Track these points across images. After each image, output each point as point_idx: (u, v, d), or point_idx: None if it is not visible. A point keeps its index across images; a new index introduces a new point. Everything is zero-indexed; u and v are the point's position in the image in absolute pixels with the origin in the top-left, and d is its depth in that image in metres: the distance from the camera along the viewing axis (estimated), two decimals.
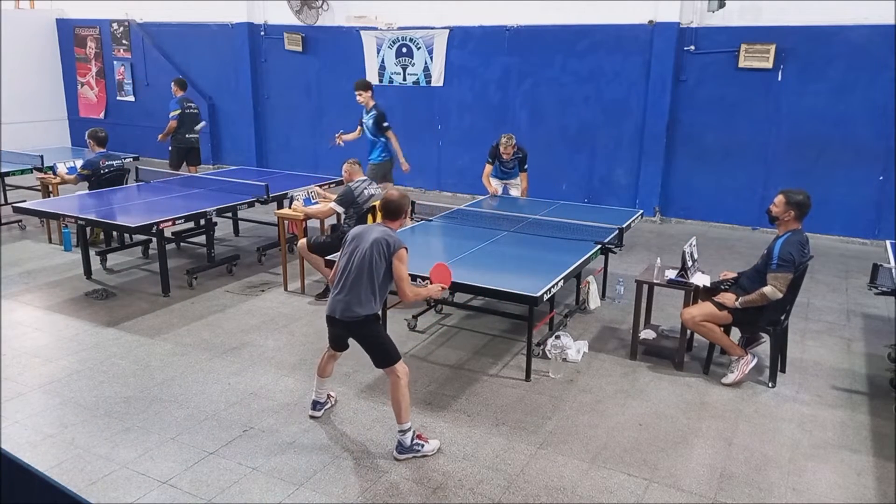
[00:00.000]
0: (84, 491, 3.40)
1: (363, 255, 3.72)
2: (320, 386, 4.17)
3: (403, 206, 3.94)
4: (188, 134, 9.41)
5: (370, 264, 3.69)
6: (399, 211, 3.92)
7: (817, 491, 3.53)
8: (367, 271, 3.70)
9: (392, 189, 3.97)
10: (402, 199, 3.96)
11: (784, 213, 4.49)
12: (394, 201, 3.93)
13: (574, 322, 5.70)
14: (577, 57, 9.54)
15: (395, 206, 3.92)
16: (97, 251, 7.01)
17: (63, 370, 4.73)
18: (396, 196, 3.96)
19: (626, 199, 9.50)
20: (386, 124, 7.74)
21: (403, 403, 3.73)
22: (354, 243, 3.81)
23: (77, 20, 13.74)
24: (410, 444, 3.75)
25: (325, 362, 4.11)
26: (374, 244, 3.70)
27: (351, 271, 3.74)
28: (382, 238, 3.71)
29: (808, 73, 8.33)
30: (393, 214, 3.93)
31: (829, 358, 5.11)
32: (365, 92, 7.76)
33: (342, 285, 3.77)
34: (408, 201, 4.00)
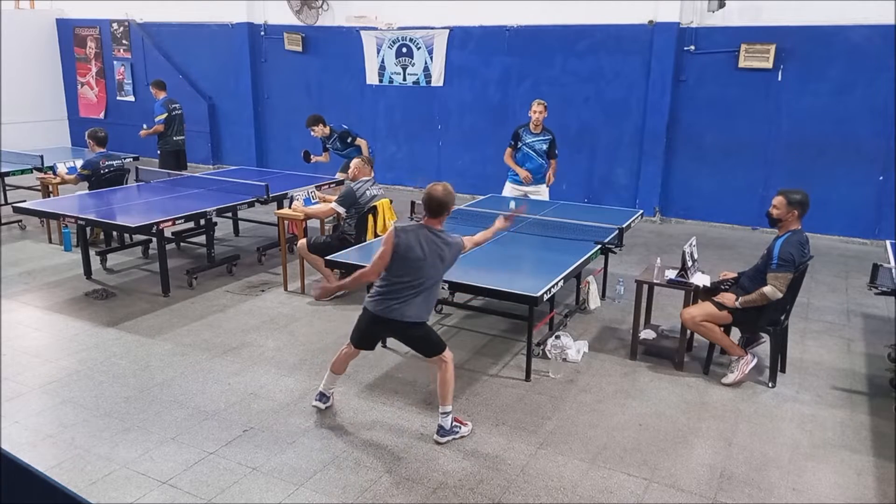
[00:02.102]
0: (84, 491, 3.40)
1: (434, 273, 3.70)
2: (331, 382, 4.15)
3: (448, 203, 3.69)
4: (176, 136, 9.28)
5: (440, 282, 3.79)
6: (443, 208, 3.69)
7: (817, 491, 3.53)
8: (434, 286, 3.75)
9: (436, 183, 3.71)
10: (446, 195, 3.68)
11: (787, 213, 4.49)
12: (437, 198, 3.67)
13: (574, 322, 5.70)
14: (577, 57, 9.54)
15: (437, 202, 3.68)
16: (97, 251, 7.01)
17: (63, 370, 4.73)
18: (441, 192, 3.68)
19: (626, 199, 9.49)
20: (350, 138, 7.94)
21: (450, 386, 3.82)
22: (420, 257, 3.63)
23: (77, 20, 13.74)
24: (450, 427, 3.85)
25: (342, 359, 4.06)
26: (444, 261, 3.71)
27: (418, 285, 3.67)
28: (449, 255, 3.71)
29: (808, 73, 8.33)
30: (437, 212, 3.71)
31: (829, 358, 5.11)
32: (317, 126, 7.88)
33: (404, 298, 3.68)
34: (453, 197, 3.73)
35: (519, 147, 6.97)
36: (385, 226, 6.25)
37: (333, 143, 8.01)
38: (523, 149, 6.94)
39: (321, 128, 7.92)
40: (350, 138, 7.97)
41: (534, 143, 6.92)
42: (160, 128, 9.19)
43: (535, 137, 6.92)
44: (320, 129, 7.92)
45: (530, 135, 6.93)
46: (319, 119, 7.94)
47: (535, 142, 6.92)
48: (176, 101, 9.44)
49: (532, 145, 6.92)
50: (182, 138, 9.42)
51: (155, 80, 9.60)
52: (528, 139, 6.92)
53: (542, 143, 6.92)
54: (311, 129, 7.93)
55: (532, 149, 6.93)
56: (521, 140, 6.94)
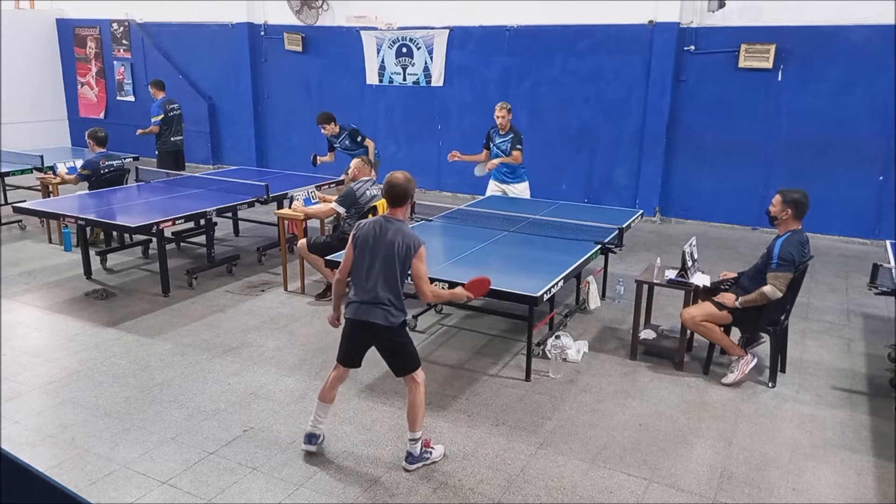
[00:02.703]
0: (84, 491, 3.40)
1: (387, 258, 3.50)
2: (321, 413, 3.75)
3: (409, 190, 3.61)
4: (174, 137, 9.22)
5: (396, 268, 3.50)
6: (405, 196, 3.60)
7: (817, 491, 3.53)
8: (392, 276, 3.51)
9: (396, 172, 3.61)
10: (406, 182, 3.59)
11: (781, 211, 4.49)
12: (399, 185, 3.57)
13: (574, 322, 5.70)
14: (577, 57, 9.54)
15: (400, 190, 3.58)
16: (97, 251, 7.01)
17: (63, 370, 4.73)
18: (401, 179, 3.59)
19: (626, 199, 9.49)
20: (360, 137, 7.98)
21: (421, 411, 3.64)
22: (371, 243, 3.54)
23: (77, 20, 13.74)
24: (420, 454, 3.66)
25: (330, 385, 3.73)
26: (394, 246, 3.49)
27: (376, 275, 3.51)
28: (401, 240, 3.50)
29: (808, 73, 8.33)
30: (399, 200, 3.60)
31: (829, 358, 5.11)
32: (328, 124, 7.92)
33: (368, 290, 3.53)
34: (414, 184, 3.64)
35: (491, 148, 7.32)
36: None
37: (342, 141, 8.00)
38: (494, 150, 7.28)
39: (332, 126, 7.93)
40: (360, 137, 7.99)
41: (500, 143, 7.21)
42: (155, 129, 9.14)
43: (501, 139, 7.20)
44: (331, 127, 7.93)
45: (498, 136, 7.22)
46: (331, 117, 7.96)
47: (501, 142, 7.21)
48: (174, 102, 9.37)
49: (500, 146, 7.21)
50: (180, 139, 9.35)
51: (154, 80, 9.55)
52: (497, 140, 7.23)
53: (506, 143, 7.18)
54: (322, 127, 7.94)
55: (500, 149, 7.21)
56: (492, 141, 7.27)
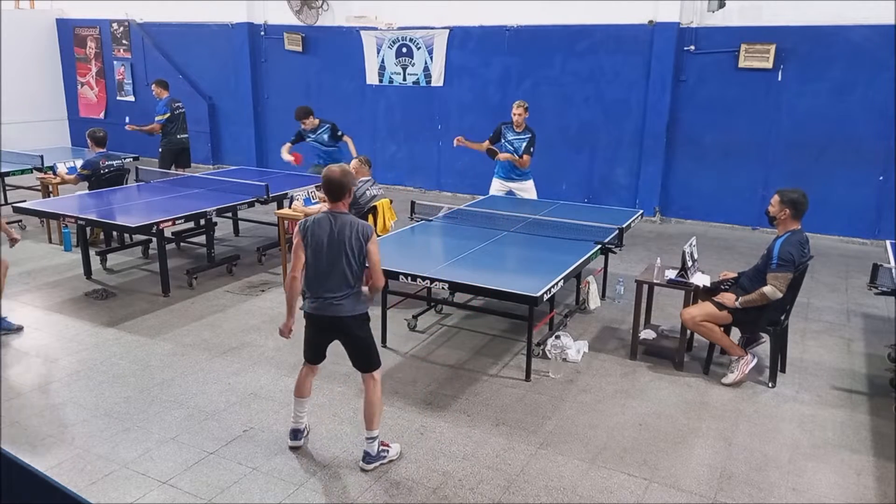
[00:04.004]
0: (84, 491, 3.40)
1: (343, 250, 3.51)
2: (299, 408, 3.84)
3: (347, 184, 3.60)
4: (179, 134, 9.28)
5: (353, 259, 3.52)
6: (343, 189, 3.60)
7: (817, 491, 3.53)
8: (351, 267, 3.52)
9: (333, 166, 3.66)
10: (343, 175, 3.61)
11: (780, 211, 4.49)
12: (335, 180, 3.59)
13: (574, 322, 5.70)
14: (577, 57, 9.53)
15: (337, 184, 3.59)
16: (97, 251, 7.01)
17: (63, 370, 4.73)
18: (338, 173, 3.61)
19: (626, 199, 9.49)
20: (340, 132, 8.07)
21: (379, 409, 3.65)
22: (325, 241, 3.54)
23: (77, 20, 13.74)
24: (377, 453, 3.65)
25: (302, 379, 3.81)
26: (349, 238, 3.50)
27: (335, 270, 3.53)
28: (353, 230, 3.52)
29: (808, 73, 8.33)
30: (338, 194, 3.60)
31: (829, 358, 5.11)
32: (307, 119, 8.02)
33: (328, 286, 3.54)
34: (351, 177, 3.66)
35: (502, 143, 7.21)
36: (385, 226, 6.26)
37: (320, 135, 8.09)
38: (504, 145, 7.19)
39: (311, 120, 8.06)
40: (339, 132, 8.11)
41: (514, 140, 7.16)
42: (157, 128, 9.19)
43: (516, 136, 7.16)
44: (310, 121, 8.05)
45: (512, 133, 7.17)
46: (310, 111, 8.09)
47: (515, 139, 7.16)
48: (179, 100, 9.47)
49: (513, 142, 7.16)
50: (186, 136, 9.44)
51: (158, 80, 9.60)
52: (510, 136, 7.17)
53: (521, 142, 7.15)
54: (301, 122, 8.05)
55: (512, 146, 7.16)
56: (503, 137, 7.19)
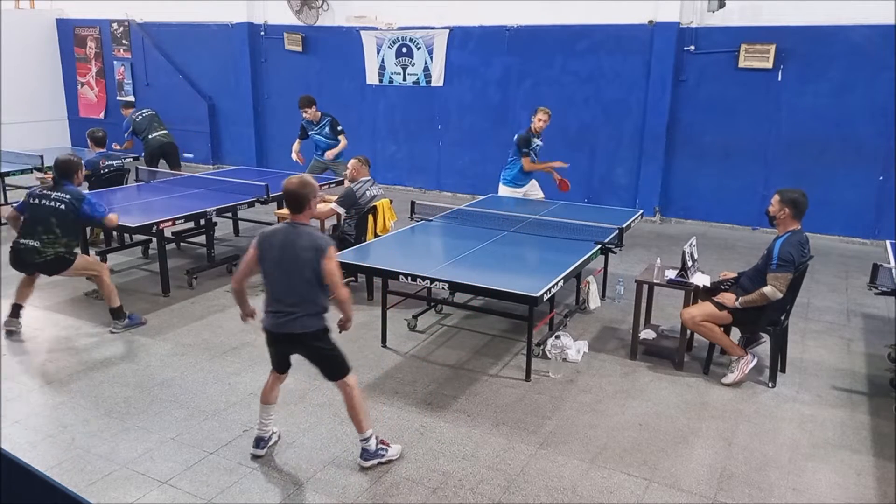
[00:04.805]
0: (84, 491, 3.40)
1: (298, 265, 3.38)
2: (265, 415, 3.74)
3: (307, 195, 3.44)
4: (151, 134, 9.16)
5: (308, 274, 3.38)
6: (302, 200, 3.44)
7: (817, 491, 3.53)
8: (306, 282, 3.39)
9: (292, 177, 3.51)
10: (301, 186, 3.44)
11: (779, 211, 4.49)
12: (293, 191, 3.43)
13: (574, 322, 5.70)
14: (577, 57, 9.54)
15: (295, 196, 3.43)
16: (97, 251, 7.00)
17: (63, 370, 4.73)
18: (295, 184, 3.45)
19: (626, 199, 9.49)
20: (340, 127, 8.14)
21: (361, 412, 3.59)
22: (278, 253, 3.42)
23: (77, 20, 13.74)
24: (376, 449, 3.64)
25: (269, 387, 3.73)
26: (303, 252, 3.38)
27: (289, 284, 3.42)
28: (308, 245, 3.38)
29: (808, 73, 8.33)
30: (297, 206, 3.46)
31: (829, 358, 5.11)
32: (310, 108, 8.06)
33: (282, 300, 3.44)
34: (311, 188, 3.46)
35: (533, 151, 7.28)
36: (385, 226, 6.26)
37: (322, 128, 8.13)
38: (531, 154, 7.26)
39: (313, 111, 8.10)
40: (339, 127, 8.16)
41: (537, 147, 7.28)
42: (128, 143, 9.29)
43: (539, 142, 7.28)
44: (312, 111, 8.10)
45: (536, 139, 7.27)
46: (313, 101, 8.13)
47: (538, 146, 7.29)
48: (140, 109, 9.39)
49: (536, 149, 7.28)
50: (160, 133, 9.21)
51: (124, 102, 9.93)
52: (535, 144, 7.26)
53: (539, 147, 7.31)
54: (303, 111, 8.09)
55: (534, 153, 7.28)
56: (531, 146, 7.25)
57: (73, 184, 5.33)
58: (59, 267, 5.24)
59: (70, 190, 5.24)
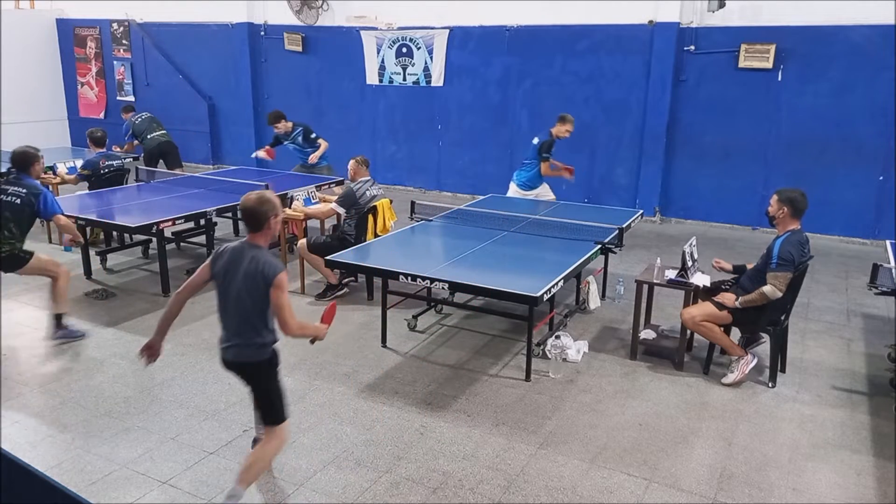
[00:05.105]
0: (84, 491, 3.41)
1: (243, 290, 3.08)
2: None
3: (264, 213, 3.10)
4: (150, 134, 9.31)
5: (252, 301, 3.08)
6: (260, 218, 3.10)
7: (817, 491, 3.53)
8: (249, 309, 3.09)
9: (250, 193, 3.19)
10: (260, 203, 3.09)
11: (778, 210, 4.50)
12: (249, 208, 3.10)
13: (574, 322, 5.70)
14: (577, 57, 9.54)
15: (252, 213, 3.10)
16: (97, 251, 7.01)
17: (63, 370, 4.73)
18: (253, 201, 3.10)
19: (626, 199, 9.49)
20: (313, 135, 8.21)
21: (258, 467, 3.22)
22: (225, 275, 3.14)
23: (77, 20, 13.74)
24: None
25: None
26: (246, 279, 3.07)
27: (231, 310, 3.13)
28: (253, 271, 3.05)
29: (808, 73, 8.33)
30: (254, 224, 3.12)
31: (829, 358, 5.11)
32: (280, 122, 8.13)
33: (227, 326, 3.17)
34: (270, 205, 3.12)
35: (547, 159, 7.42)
36: (385, 226, 6.26)
37: (295, 138, 8.22)
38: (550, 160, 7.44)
39: (283, 123, 8.17)
40: (313, 135, 8.23)
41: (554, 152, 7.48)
42: (128, 146, 9.45)
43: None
44: (283, 124, 8.17)
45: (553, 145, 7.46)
46: (281, 115, 8.19)
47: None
48: (139, 113, 9.56)
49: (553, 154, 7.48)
50: (159, 134, 9.36)
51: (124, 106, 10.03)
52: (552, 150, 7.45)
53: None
54: (274, 127, 8.18)
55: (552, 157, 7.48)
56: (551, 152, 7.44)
57: (30, 177, 5.13)
58: (12, 265, 5.02)
59: (27, 183, 5.05)
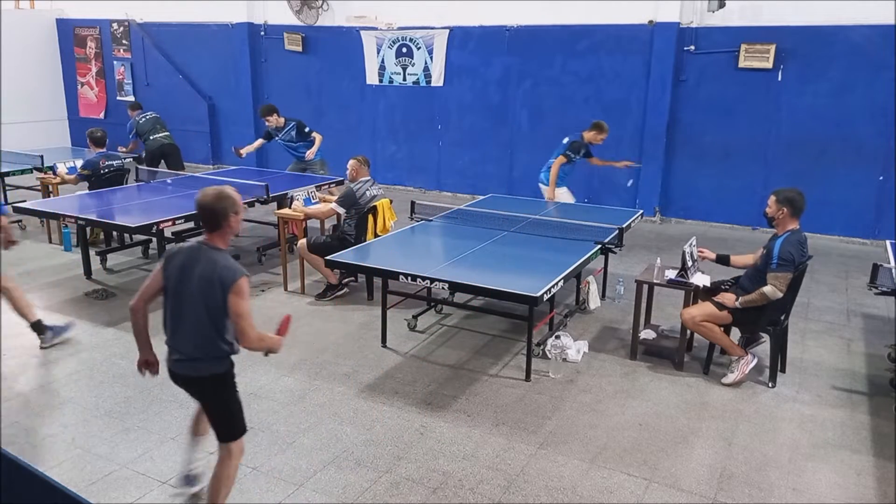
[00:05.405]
0: (84, 491, 3.41)
1: (196, 296, 2.83)
2: (193, 449, 3.29)
3: (224, 210, 2.88)
4: (153, 135, 9.38)
5: (206, 308, 2.84)
6: (218, 216, 2.87)
7: (817, 491, 3.53)
8: (202, 318, 2.84)
9: (208, 188, 2.97)
10: (217, 199, 2.87)
11: (777, 211, 4.50)
12: (205, 205, 2.87)
13: (574, 322, 5.70)
14: (577, 57, 9.53)
15: (209, 211, 2.87)
16: (97, 251, 7.01)
17: (63, 370, 4.73)
18: (210, 197, 2.87)
19: (626, 199, 9.49)
20: (307, 129, 8.19)
21: (224, 487, 3.03)
22: (176, 279, 2.89)
23: (77, 20, 13.74)
24: None
25: (198, 416, 3.29)
26: (201, 283, 2.82)
27: (184, 318, 2.88)
28: (209, 275, 2.81)
29: (808, 73, 8.33)
30: (211, 223, 2.90)
31: (829, 358, 5.11)
32: (271, 116, 8.11)
33: (175, 334, 2.93)
34: (230, 201, 2.90)
35: (572, 160, 7.39)
36: (385, 226, 6.26)
37: (287, 133, 8.20)
38: (577, 161, 7.44)
39: (275, 118, 8.15)
40: (307, 129, 8.22)
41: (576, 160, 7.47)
42: (132, 145, 9.59)
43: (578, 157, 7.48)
44: (275, 118, 8.15)
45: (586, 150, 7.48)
46: (273, 109, 8.18)
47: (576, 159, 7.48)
48: (145, 112, 9.65)
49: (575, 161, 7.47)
50: (161, 135, 9.46)
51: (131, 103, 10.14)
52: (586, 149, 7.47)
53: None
54: (265, 120, 8.16)
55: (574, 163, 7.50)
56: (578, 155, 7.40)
57: None
58: None
59: None
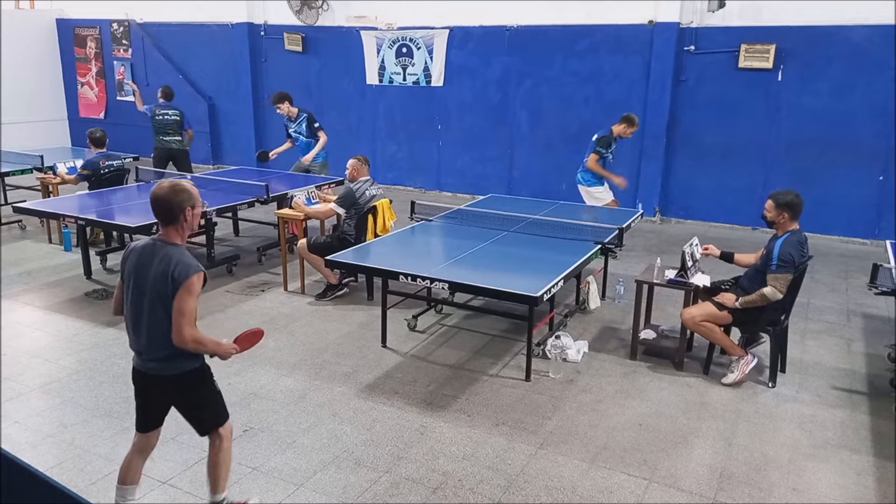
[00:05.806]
0: (84, 491, 3.41)
1: (154, 293, 2.76)
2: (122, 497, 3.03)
3: (180, 204, 2.80)
4: (163, 136, 9.10)
5: (159, 310, 2.76)
6: (175, 210, 2.80)
7: (817, 491, 3.53)
8: (161, 315, 2.77)
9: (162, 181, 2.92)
10: (173, 192, 2.79)
11: (778, 216, 4.50)
12: (160, 199, 2.79)
13: (574, 322, 5.70)
14: (577, 57, 9.53)
15: (163, 205, 2.79)
16: (97, 251, 7.01)
17: (63, 370, 4.73)
18: (165, 190, 2.80)
19: (627, 199, 9.48)
20: (317, 124, 8.02)
21: (225, 470, 3.08)
22: (133, 275, 2.82)
23: (77, 20, 13.74)
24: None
25: (130, 458, 3.04)
26: (155, 282, 2.75)
27: (143, 315, 2.80)
28: (163, 272, 2.74)
29: (808, 73, 8.33)
30: (166, 217, 2.82)
31: (829, 358, 5.11)
32: (283, 104, 7.87)
33: (137, 333, 2.84)
34: (186, 195, 2.83)
35: (604, 155, 7.36)
36: (385, 226, 6.26)
37: (299, 124, 8.02)
38: (608, 157, 7.39)
39: (287, 106, 7.89)
40: (316, 124, 8.06)
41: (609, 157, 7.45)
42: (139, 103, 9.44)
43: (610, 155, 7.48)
44: (286, 107, 7.89)
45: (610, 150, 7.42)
46: (286, 96, 7.90)
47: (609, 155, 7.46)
48: (167, 110, 9.08)
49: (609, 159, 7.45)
50: (169, 139, 9.09)
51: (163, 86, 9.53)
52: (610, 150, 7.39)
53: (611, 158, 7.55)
54: (276, 107, 7.93)
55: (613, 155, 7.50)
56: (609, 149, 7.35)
57: None
58: None
59: None
